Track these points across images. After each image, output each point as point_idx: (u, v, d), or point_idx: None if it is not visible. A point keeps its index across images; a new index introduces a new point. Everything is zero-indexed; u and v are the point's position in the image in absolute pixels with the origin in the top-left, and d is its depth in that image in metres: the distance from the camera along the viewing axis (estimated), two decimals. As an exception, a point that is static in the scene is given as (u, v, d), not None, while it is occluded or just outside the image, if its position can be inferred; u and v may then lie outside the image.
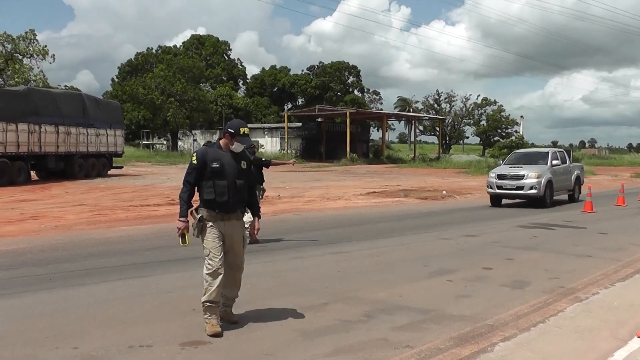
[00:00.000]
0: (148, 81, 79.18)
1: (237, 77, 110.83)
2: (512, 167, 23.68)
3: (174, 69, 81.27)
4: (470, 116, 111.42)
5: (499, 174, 23.24)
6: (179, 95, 78.80)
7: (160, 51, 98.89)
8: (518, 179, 22.66)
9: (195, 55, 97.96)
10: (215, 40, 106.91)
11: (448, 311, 7.75)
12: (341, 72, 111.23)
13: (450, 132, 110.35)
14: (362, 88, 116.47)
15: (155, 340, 6.43)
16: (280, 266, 10.87)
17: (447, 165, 63.87)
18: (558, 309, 8.17)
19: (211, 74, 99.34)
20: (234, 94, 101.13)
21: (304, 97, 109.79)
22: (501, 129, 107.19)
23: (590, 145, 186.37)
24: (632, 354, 6.27)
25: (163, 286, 9.07)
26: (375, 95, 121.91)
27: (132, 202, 21.49)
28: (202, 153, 6.82)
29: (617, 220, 19.40)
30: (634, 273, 10.82)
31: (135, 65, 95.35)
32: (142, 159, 59.94)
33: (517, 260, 11.83)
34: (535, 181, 22.42)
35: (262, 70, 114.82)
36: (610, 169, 68.26)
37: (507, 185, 22.75)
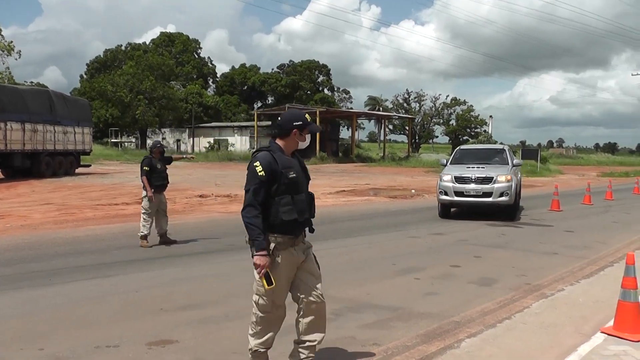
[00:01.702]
0: (117, 78, 78.69)
1: (207, 76, 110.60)
2: (471, 167, 19.09)
3: (143, 67, 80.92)
4: (439, 116, 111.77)
5: (456, 177, 18.42)
6: (148, 93, 78.46)
7: (129, 48, 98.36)
8: (485, 183, 18.04)
9: (165, 53, 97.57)
10: (185, 38, 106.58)
11: (416, 309, 7.79)
12: (311, 71, 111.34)
13: (419, 131, 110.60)
14: (332, 87, 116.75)
15: (122, 340, 6.39)
16: (248, 264, 10.73)
17: (417, 164, 64.28)
18: (524, 305, 8.27)
19: (181, 72, 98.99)
20: (204, 92, 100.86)
21: (274, 96, 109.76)
22: (470, 128, 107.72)
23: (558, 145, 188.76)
24: (595, 348, 6.36)
25: (131, 285, 9.00)
26: (345, 94, 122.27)
27: (100, 201, 21.31)
28: (269, 161, 5.06)
29: (583, 218, 19.63)
30: (598, 270, 10.98)
31: (104, 62, 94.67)
32: (111, 158, 59.55)
33: (485, 258, 11.94)
34: (505, 185, 17.90)
35: (232, 69, 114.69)
36: (578, 169, 69.17)
37: (469, 190, 18.12)
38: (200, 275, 9.82)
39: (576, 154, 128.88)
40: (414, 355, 6.08)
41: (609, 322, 7.09)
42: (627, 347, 6.39)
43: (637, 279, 6.85)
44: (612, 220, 19.22)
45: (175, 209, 18.83)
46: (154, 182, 12.37)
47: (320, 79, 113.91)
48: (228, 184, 30.59)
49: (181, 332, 6.72)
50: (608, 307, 7.74)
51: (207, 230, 14.89)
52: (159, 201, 12.52)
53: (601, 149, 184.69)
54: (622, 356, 6.13)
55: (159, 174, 12.52)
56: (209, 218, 17.30)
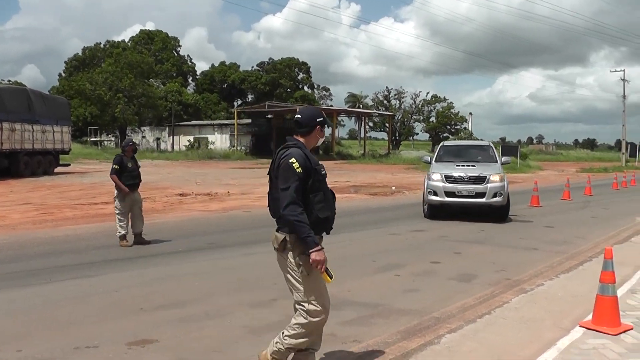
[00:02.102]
0: (96, 76, 78.23)
1: (187, 73, 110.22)
2: (461, 166, 17.89)
3: (122, 65, 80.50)
4: (419, 113, 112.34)
5: (446, 176, 17.27)
6: (128, 91, 78.06)
7: (108, 46, 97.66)
8: (477, 183, 16.95)
9: (144, 51, 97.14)
10: (164, 36, 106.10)
11: (396, 305, 7.81)
12: (291, 68, 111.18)
13: (399, 128, 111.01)
14: (312, 84, 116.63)
15: (102, 341, 6.34)
16: (228, 263, 10.85)
17: (397, 161, 64.48)
18: (504, 301, 8.32)
19: (160, 69, 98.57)
20: (184, 90, 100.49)
21: (254, 94, 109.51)
22: (450, 125, 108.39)
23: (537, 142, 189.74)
24: (574, 342, 6.41)
25: (111, 285, 8.94)
26: (325, 92, 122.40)
27: (79, 200, 21.18)
28: (303, 157, 4.92)
29: (563, 214, 19.76)
30: (577, 265, 11.06)
31: (83, 60, 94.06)
32: (90, 157, 59.10)
33: (465, 254, 12.00)
34: (499, 185, 16.90)
35: (212, 67, 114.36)
36: (557, 165, 69.70)
37: (461, 191, 17.00)
38: (180, 274, 9.79)
39: (556, 150, 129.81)
40: (394, 352, 6.09)
41: (588, 316, 7.15)
42: (605, 341, 6.44)
43: (615, 273, 6.91)
44: (591, 216, 19.38)
45: (155, 207, 18.77)
46: (125, 181, 12.19)
47: (300, 77, 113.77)
48: (208, 182, 30.56)
49: (161, 332, 6.68)
50: (587, 302, 7.79)
51: (188, 229, 14.85)
52: (133, 200, 12.38)
53: (580, 145, 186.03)
54: (601, 349, 6.18)
55: (130, 172, 12.34)
56: (189, 217, 17.24)
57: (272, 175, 5.11)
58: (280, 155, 4.98)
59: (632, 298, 8.34)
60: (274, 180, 5.06)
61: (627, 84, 72.71)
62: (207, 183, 29.82)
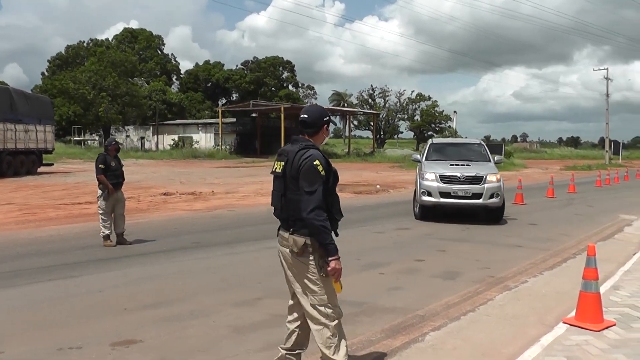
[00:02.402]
0: (79, 75, 77.67)
1: (171, 72, 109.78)
2: (455, 165, 17.04)
3: (105, 63, 79.89)
4: (404, 111, 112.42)
5: (441, 175, 16.42)
6: (111, 90, 77.58)
7: (91, 44, 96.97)
8: (474, 183, 16.17)
9: (128, 49, 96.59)
10: (148, 34, 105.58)
11: (380, 303, 7.82)
12: (275, 67, 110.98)
13: (384, 127, 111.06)
14: (296, 83, 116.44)
15: (86, 342, 6.31)
16: (213, 262, 10.82)
17: (382, 159, 64.51)
18: (488, 298, 8.37)
19: (144, 68, 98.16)
20: (168, 89, 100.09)
21: (238, 93, 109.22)
22: (435, 123, 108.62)
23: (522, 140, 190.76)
24: (557, 338, 6.45)
25: (95, 285, 8.89)
26: (310, 90, 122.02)
27: (62, 200, 21.04)
28: (324, 159, 4.76)
29: (546, 211, 19.86)
30: (561, 262, 11.15)
31: (66, 59, 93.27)
32: (74, 156, 58.69)
33: (449, 252, 12.04)
34: (496, 186, 16.21)
35: (196, 66, 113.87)
36: (541, 162, 70.07)
37: (457, 191, 16.14)
38: (165, 274, 9.76)
39: (540, 148, 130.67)
40: (379, 350, 6.11)
41: (571, 313, 7.20)
42: (588, 337, 6.48)
43: (598, 270, 6.95)
44: (575, 213, 19.50)
45: (139, 207, 18.70)
46: (109, 181, 12.14)
47: (285, 75, 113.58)
48: (193, 181, 30.46)
49: (145, 332, 6.66)
50: (570, 298, 7.84)
51: (172, 228, 14.80)
52: (116, 199, 12.31)
53: (564, 143, 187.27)
54: (584, 346, 6.21)
55: (113, 172, 12.28)
56: (173, 216, 17.18)
57: (287, 175, 4.79)
58: (302, 155, 4.72)
59: (615, 294, 8.39)
60: (289, 180, 4.78)
61: (610, 82, 73.22)
62: (192, 182, 29.73)
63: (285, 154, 4.85)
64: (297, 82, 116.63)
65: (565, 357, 5.88)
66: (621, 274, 9.87)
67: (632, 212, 19.42)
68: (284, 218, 4.92)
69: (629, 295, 8.40)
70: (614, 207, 21.47)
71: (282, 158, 4.87)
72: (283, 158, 4.86)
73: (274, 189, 4.98)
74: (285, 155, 4.84)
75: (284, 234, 4.90)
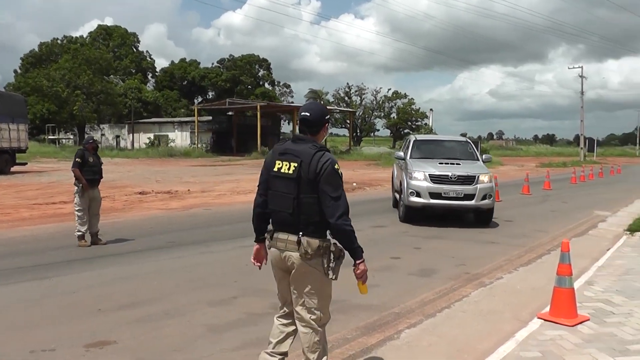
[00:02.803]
0: (53, 73, 76.99)
1: (146, 70, 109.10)
2: (445, 164, 16.09)
3: (80, 61, 79.26)
4: (380, 109, 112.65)
5: (432, 175, 15.45)
6: (86, 88, 76.96)
7: (65, 41, 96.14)
8: (466, 183, 15.30)
9: (103, 47, 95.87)
10: (123, 32, 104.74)
11: (355, 301, 7.81)
12: (252, 65, 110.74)
13: (361, 124, 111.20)
14: (272, 81, 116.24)
15: (59, 344, 6.25)
16: (189, 261, 10.76)
17: (358, 157, 64.55)
18: (463, 294, 8.42)
19: (119, 66, 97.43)
20: (143, 87, 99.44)
21: (214, 91, 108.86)
22: (411, 121, 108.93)
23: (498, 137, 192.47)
24: (532, 334, 6.50)
25: (69, 287, 8.80)
26: (286, 89, 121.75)
27: (36, 200, 20.84)
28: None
29: (522, 208, 20.00)
30: (536, 258, 11.25)
31: (39, 56, 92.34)
32: (48, 155, 58.12)
33: (425, 249, 12.08)
34: (489, 186, 15.42)
35: (172, 64, 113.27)
36: (517, 160, 70.55)
37: (448, 192, 15.20)
38: (140, 274, 9.69)
39: (516, 145, 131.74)
40: (354, 348, 6.11)
41: (546, 308, 7.25)
42: (562, 332, 6.53)
43: (572, 265, 7.01)
44: (550, 209, 19.66)
45: (114, 206, 18.56)
46: (85, 176, 11.95)
47: (261, 73, 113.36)
48: (168, 180, 30.32)
49: (120, 332, 6.61)
50: (545, 294, 7.89)
51: (148, 227, 14.70)
52: (92, 197, 12.19)
53: (540, 140, 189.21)
54: (558, 340, 6.26)
55: (91, 167, 12.12)
56: (149, 215, 17.07)
57: (303, 177, 4.46)
58: (319, 158, 4.47)
59: (589, 290, 8.47)
60: (304, 183, 4.47)
61: (584, 80, 73.97)
62: (168, 181, 29.58)
63: (296, 154, 4.51)
64: (273, 80, 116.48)
65: (539, 352, 5.92)
66: (595, 269, 9.96)
67: (606, 209, 19.63)
68: (293, 222, 4.53)
69: (603, 290, 8.48)
70: (589, 203, 21.67)
71: (291, 158, 4.52)
72: (292, 158, 4.52)
73: (277, 190, 4.59)
74: (296, 155, 4.51)
75: (292, 238, 4.52)
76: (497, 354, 5.90)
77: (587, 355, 5.87)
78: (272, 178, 4.61)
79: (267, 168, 4.70)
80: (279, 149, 4.67)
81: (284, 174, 4.52)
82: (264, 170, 4.73)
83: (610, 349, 6.02)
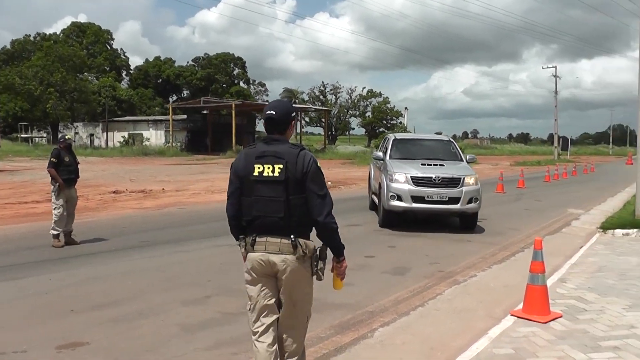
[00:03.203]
0: (25, 70, 76.25)
1: (121, 68, 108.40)
2: (427, 165, 15.00)
3: (53, 58, 78.56)
4: (355, 108, 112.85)
5: (414, 177, 14.33)
6: (59, 86, 76.35)
7: (38, 38, 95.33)
8: (451, 186, 14.20)
9: (76, 44, 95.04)
10: (96, 29, 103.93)
11: (330, 300, 7.80)
12: (227, 63, 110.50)
13: (336, 123, 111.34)
14: (247, 80, 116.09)
15: (31, 345, 6.19)
16: (162, 261, 10.70)
17: (333, 156, 64.64)
18: (437, 292, 8.46)
19: (93, 63, 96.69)
20: (117, 85, 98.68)
21: (189, 89, 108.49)
22: (386, 120, 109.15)
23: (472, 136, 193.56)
24: (505, 331, 6.54)
25: (41, 287, 8.71)
26: (261, 87, 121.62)
27: (8, 199, 20.62)
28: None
29: (496, 206, 20.09)
30: (510, 256, 11.33)
31: (12, 54, 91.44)
32: (21, 154, 57.50)
33: (399, 247, 12.12)
34: (475, 189, 14.46)
35: (146, 61, 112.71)
36: (492, 158, 70.95)
37: (432, 195, 14.09)
38: (113, 274, 9.61)
39: (490, 144, 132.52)
40: (328, 347, 6.12)
41: (519, 306, 7.30)
42: (535, 329, 6.59)
43: (544, 263, 7.07)
44: (524, 208, 19.82)
45: (88, 206, 18.43)
46: (61, 176, 11.85)
47: (236, 72, 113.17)
48: (143, 179, 30.14)
49: (93, 333, 6.56)
50: (518, 291, 7.95)
51: (121, 227, 14.60)
52: (68, 196, 12.07)
53: (514, 139, 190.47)
54: (531, 337, 6.31)
55: (66, 167, 12.00)
56: (123, 215, 16.95)
57: (290, 179, 4.30)
58: (304, 158, 4.35)
59: (562, 287, 8.55)
60: (292, 185, 4.30)
61: (558, 79, 74.62)
62: (142, 180, 29.40)
63: (279, 155, 4.33)
64: (248, 78, 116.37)
65: (512, 349, 5.96)
66: (568, 267, 10.06)
67: (579, 207, 19.83)
68: (284, 225, 4.33)
69: (576, 287, 8.56)
70: (562, 201, 21.85)
71: (273, 160, 4.33)
72: (274, 160, 4.32)
73: (263, 196, 4.32)
74: (279, 157, 4.32)
75: (285, 240, 4.33)
76: (471, 351, 5.93)
77: (559, 351, 5.92)
78: (252, 183, 4.34)
79: (240, 174, 4.42)
80: (254, 152, 4.41)
81: (269, 177, 4.31)
82: (234, 178, 4.47)
83: (582, 345, 6.07)
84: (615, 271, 9.78)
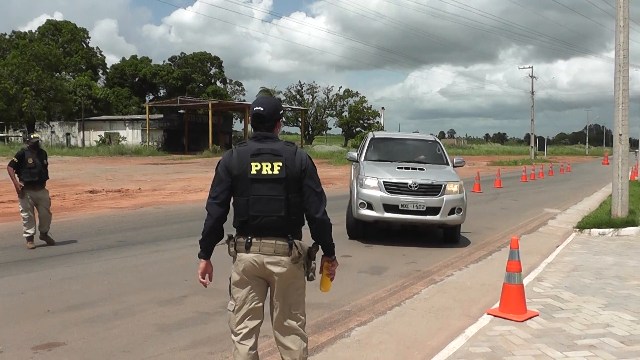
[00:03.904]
0: (0, 69, 75.45)
1: (97, 67, 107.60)
2: (404, 168, 12.92)
3: (28, 56, 77.77)
4: (332, 107, 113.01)
5: (387, 183, 12.37)
6: (35, 85, 75.59)
7: (13, 37, 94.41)
8: (430, 194, 12.19)
9: (52, 42, 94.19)
10: (72, 27, 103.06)
11: (306, 300, 7.80)
12: (203, 63, 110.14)
13: (312, 123, 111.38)
14: (224, 79, 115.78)
15: (6, 346, 6.12)
16: (139, 260, 10.63)
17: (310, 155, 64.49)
18: (414, 292, 8.49)
19: (69, 62, 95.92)
20: (94, 84, 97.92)
21: (165, 88, 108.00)
22: (363, 119, 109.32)
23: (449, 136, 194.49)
24: (481, 329, 6.57)
25: (16, 287, 8.62)
26: (238, 87, 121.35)
27: (-17, 198, 20.46)
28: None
29: (473, 206, 20.10)
30: (486, 255, 11.39)
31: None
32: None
33: (376, 247, 12.13)
34: (458, 198, 12.33)
35: (123, 60, 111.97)
36: (469, 158, 70.89)
37: (407, 204, 12.11)
38: (90, 274, 9.54)
39: (467, 144, 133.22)
40: (305, 346, 6.10)
41: (495, 304, 7.34)
42: (511, 327, 6.62)
43: (521, 262, 7.10)
44: (501, 207, 19.93)
45: (64, 205, 18.29)
46: (23, 178, 11.53)
47: (213, 71, 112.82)
48: (119, 178, 29.98)
49: (69, 334, 6.51)
50: (494, 290, 8.00)
51: (98, 226, 14.50)
52: (36, 198, 11.73)
53: (491, 139, 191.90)
54: (507, 336, 6.34)
55: (29, 169, 11.56)
56: (99, 214, 16.84)
57: (289, 177, 4.24)
58: (300, 155, 4.33)
59: (539, 286, 8.60)
60: (290, 181, 4.25)
61: (535, 80, 75.12)
62: (118, 179, 29.25)
63: (277, 153, 4.25)
64: (225, 78, 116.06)
65: (489, 348, 5.98)
66: (544, 266, 10.13)
67: (556, 206, 20.00)
68: (282, 225, 4.26)
69: (552, 286, 8.62)
70: (539, 201, 22.03)
71: (271, 158, 4.24)
72: (273, 158, 4.24)
73: (262, 195, 4.21)
74: (277, 155, 4.25)
75: (280, 242, 4.25)
76: (447, 350, 5.95)
77: (535, 350, 5.95)
78: (249, 182, 4.21)
79: (234, 173, 4.27)
80: (249, 150, 4.28)
81: (268, 175, 4.21)
82: (225, 177, 4.30)
83: (558, 343, 6.12)
84: (591, 270, 9.87)
